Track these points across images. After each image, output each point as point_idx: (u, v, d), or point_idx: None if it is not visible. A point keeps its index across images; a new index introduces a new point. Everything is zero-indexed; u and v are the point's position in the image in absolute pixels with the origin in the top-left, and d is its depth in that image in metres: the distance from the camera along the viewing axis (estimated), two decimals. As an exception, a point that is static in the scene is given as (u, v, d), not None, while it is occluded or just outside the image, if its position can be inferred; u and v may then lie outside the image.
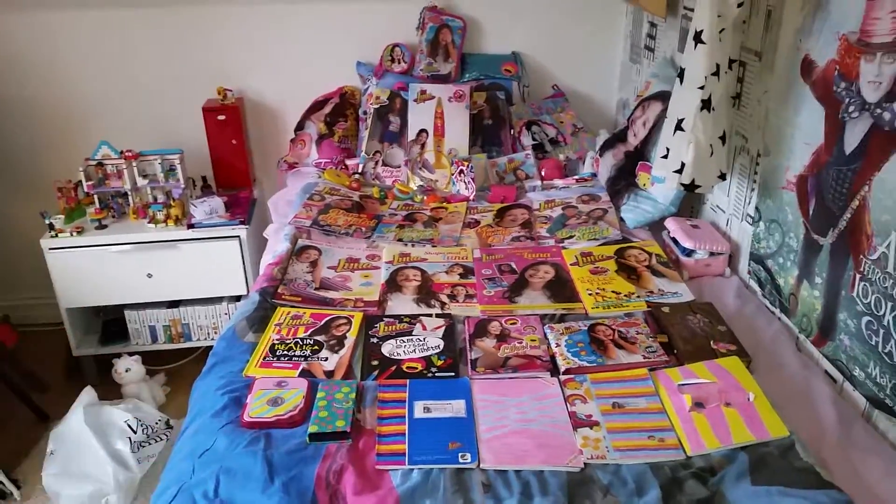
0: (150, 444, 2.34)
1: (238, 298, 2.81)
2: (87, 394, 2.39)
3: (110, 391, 2.61)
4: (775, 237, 1.90)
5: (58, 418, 2.41)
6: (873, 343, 1.51)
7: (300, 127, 2.94)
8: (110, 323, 2.89)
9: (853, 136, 1.53)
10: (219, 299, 2.81)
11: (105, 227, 2.67)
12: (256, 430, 1.47)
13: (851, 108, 1.52)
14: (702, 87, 1.71)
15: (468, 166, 2.62)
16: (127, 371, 2.63)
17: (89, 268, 2.64)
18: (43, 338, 3.02)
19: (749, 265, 2.06)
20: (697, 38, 1.69)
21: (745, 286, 2.07)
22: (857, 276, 1.54)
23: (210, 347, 2.81)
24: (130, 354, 2.68)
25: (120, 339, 2.84)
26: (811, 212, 1.72)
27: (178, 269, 2.69)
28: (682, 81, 1.80)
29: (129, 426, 2.31)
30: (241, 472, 1.36)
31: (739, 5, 1.64)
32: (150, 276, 2.68)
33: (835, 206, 1.61)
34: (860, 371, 1.57)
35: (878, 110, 1.44)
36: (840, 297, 1.62)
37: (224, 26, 2.87)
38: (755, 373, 1.63)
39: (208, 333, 2.85)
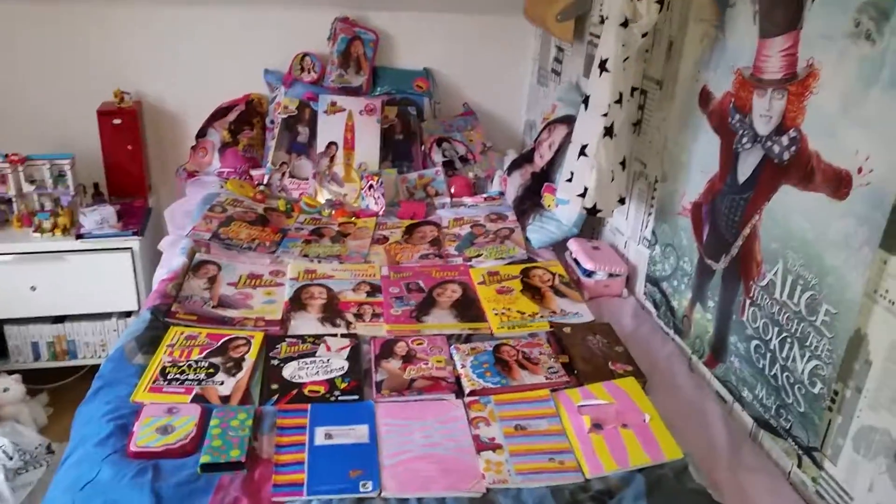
0: (27, 470, 2.18)
1: (129, 314, 2.66)
2: (-42, 417, 2.20)
3: (-15, 413, 2.40)
4: (670, 260, 1.98)
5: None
6: (760, 366, 1.59)
7: (202, 134, 2.83)
8: (-13, 339, 2.66)
9: (746, 167, 1.61)
10: (107, 315, 2.65)
11: (-15, 235, 2.46)
12: (144, 460, 1.38)
13: (745, 140, 1.60)
14: (605, 115, 1.76)
15: (378, 181, 2.59)
16: (5, 391, 2.43)
17: (-35, 279, 2.43)
18: None
19: (645, 287, 2.13)
20: (602, 66, 1.74)
21: (642, 307, 2.14)
22: (747, 301, 1.62)
23: (97, 366, 2.67)
24: (10, 373, 2.49)
25: (-2, 357, 2.63)
26: (705, 237, 1.79)
27: (64, 282, 2.52)
28: (586, 108, 1.85)
29: (5, 452, 2.14)
30: (126, 508, 1.27)
31: (643, 35, 1.70)
32: (33, 288, 2.50)
33: (728, 234, 1.69)
34: (748, 392, 1.65)
35: (769, 143, 1.52)
36: (731, 320, 1.70)
37: (124, 26, 2.73)
38: (651, 393, 1.68)
39: (95, 351, 2.68)
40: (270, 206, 2.52)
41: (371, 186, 2.60)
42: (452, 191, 2.72)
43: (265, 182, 2.66)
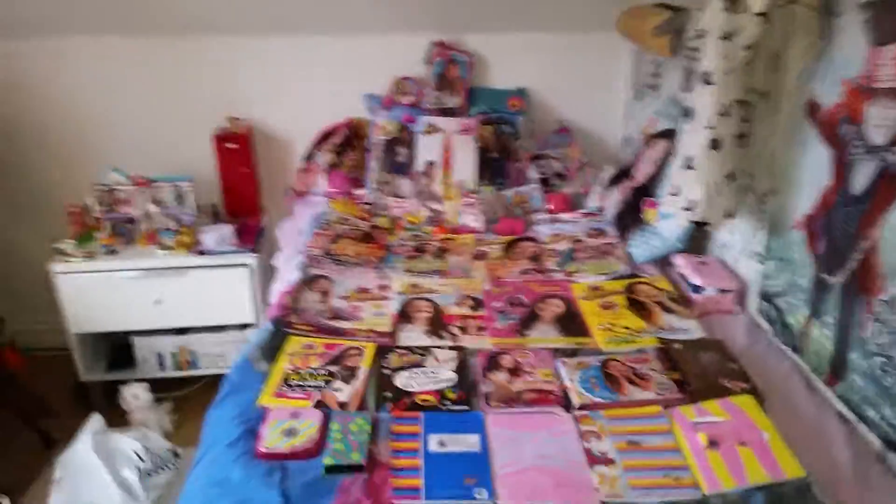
0: (157, 473, 2.33)
1: (245, 326, 2.81)
2: (95, 420, 2.38)
3: (116, 418, 2.59)
4: (784, 276, 1.92)
5: (64, 444, 2.40)
6: (886, 384, 1.52)
7: (309, 157, 2.97)
8: (118, 349, 2.88)
9: (861, 178, 1.56)
10: (226, 327, 2.81)
11: (115, 252, 2.68)
12: (272, 461, 1.47)
13: (858, 151, 1.56)
14: (710, 127, 1.75)
15: (477, 198, 2.64)
16: (135, 398, 2.62)
17: (98, 293, 2.65)
18: (49, 363, 3.00)
19: (759, 303, 2.07)
20: (706, 79, 1.73)
21: (756, 324, 2.08)
22: (869, 317, 1.56)
23: (217, 376, 2.82)
24: (138, 381, 2.67)
25: (127, 366, 2.83)
26: (821, 251, 1.74)
27: (186, 297, 2.69)
28: (690, 120, 1.84)
29: (138, 455, 2.30)
30: (258, 505, 1.36)
31: (746, 48, 1.68)
32: (158, 302, 2.68)
33: (845, 247, 1.63)
34: (873, 411, 1.58)
35: (886, 153, 1.47)
36: (851, 337, 1.64)
37: (235, 57, 2.92)
38: (768, 411, 1.64)
39: (215, 361, 2.84)
40: (374, 224, 2.61)
41: (470, 204, 2.66)
42: (550, 207, 2.74)
43: (368, 201, 2.77)
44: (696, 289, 2.13)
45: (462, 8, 2.81)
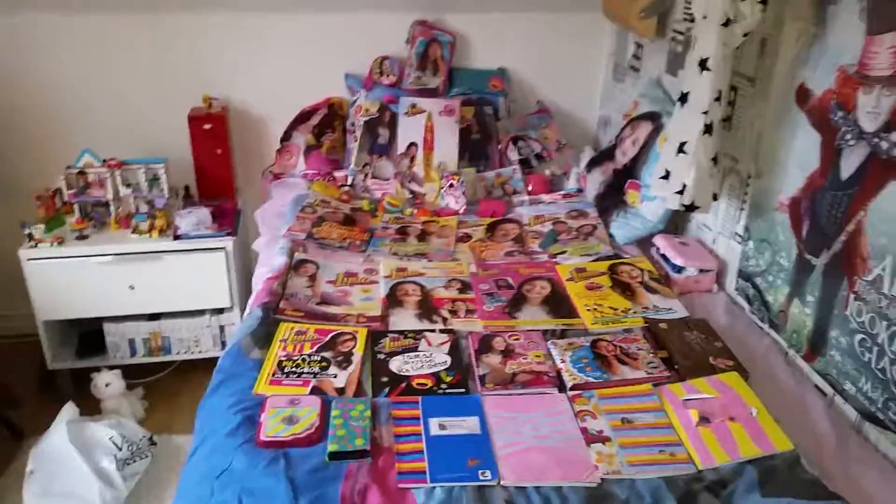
0: (134, 461, 2.29)
1: (220, 311, 2.77)
2: (69, 410, 2.33)
3: (87, 406, 2.53)
4: (765, 256, 1.98)
5: (34, 435, 2.33)
6: (866, 359, 1.59)
7: (286, 137, 2.93)
8: (87, 335, 2.80)
9: (850, 163, 1.61)
10: (201, 312, 2.76)
11: (86, 237, 2.59)
12: (274, 449, 1.46)
13: (848, 136, 1.61)
14: (705, 112, 1.78)
15: (458, 180, 2.64)
16: (107, 385, 2.57)
17: (69, 279, 2.56)
18: (14, 350, 2.91)
19: (737, 282, 2.13)
20: (703, 65, 1.75)
21: (733, 302, 2.14)
22: (852, 296, 1.62)
23: (188, 361, 2.79)
24: (110, 368, 2.61)
25: (97, 352, 2.76)
26: (805, 233, 1.80)
27: (161, 281, 2.63)
28: (683, 105, 1.86)
29: (115, 443, 2.26)
30: (264, 493, 1.35)
31: (745, 35, 1.71)
32: (131, 287, 2.62)
33: (829, 229, 1.69)
34: (851, 385, 1.65)
35: (876, 139, 1.52)
36: (832, 315, 1.70)
37: (210, 34, 2.83)
38: (752, 387, 1.70)
39: (188, 347, 2.80)
40: (356, 206, 2.59)
41: (451, 185, 2.66)
42: (530, 188, 2.76)
43: (349, 183, 2.74)
44: (678, 269, 2.18)
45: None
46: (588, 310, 2.01)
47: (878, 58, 1.51)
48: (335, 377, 1.69)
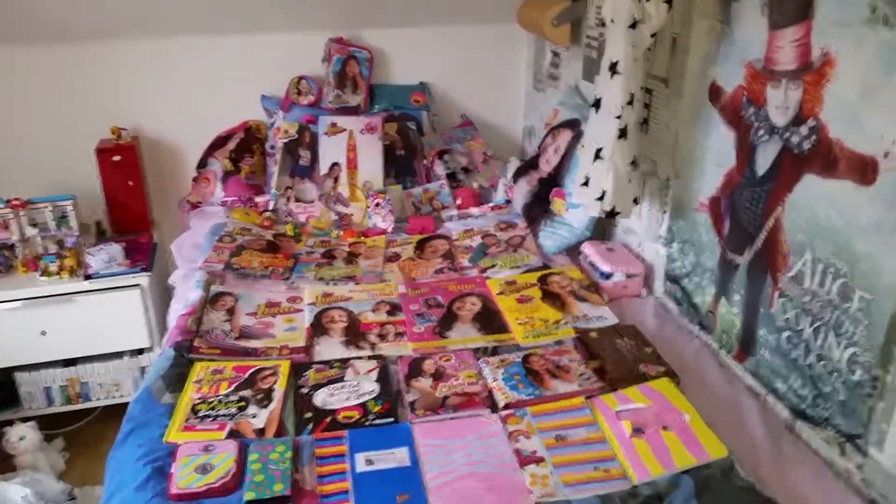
0: (52, 520, 2.13)
1: (140, 352, 2.62)
2: (-25, 471, 2.16)
3: (1, 464, 2.36)
4: (690, 257, 1.97)
5: (-61, 501, 2.15)
6: (793, 357, 1.59)
7: (202, 164, 2.82)
8: (-4, 387, 2.62)
9: (764, 159, 1.61)
10: (119, 354, 2.61)
11: (-11, 282, 2.43)
12: (187, 501, 1.35)
13: (761, 132, 1.61)
14: (618, 117, 1.76)
15: (385, 199, 2.58)
16: (21, 440, 2.39)
17: (-28, 329, 2.39)
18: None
19: (665, 285, 2.12)
20: (613, 69, 1.74)
21: (662, 306, 2.13)
22: (776, 293, 1.62)
23: (111, 406, 2.63)
24: (24, 420, 2.44)
25: (9, 405, 2.57)
26: (726, 232, 1.79)
27: (74, 325, 2.48)
28: (597, 111, 1.84)
29: (28, 502, 2.10)
30: (174, 553, 1.25)
31: (653, 35, 1.70)
32: (43, 333, 2.46)
33: (750, 226, 1.69)
34: (782, 384, 1.64)
35: (787, 134, 1.53)
36: (759, 313, 1.69)
37: (118, 62, 2.72)
38: (684, 392, 1.67)
39: (109, 391, 2.64)
40: (279, 232, 2.50)
41: (378, 204, 2.59)
42: (459, 202, 2.71)
43: (271, 208, 2.64)
44: (605, 275, 2.16)
45: (359, 2, 2.73)
46: (519, 323, 1.96)
47: (783, 52, 1.52)
48: (254, 417, 1.59)
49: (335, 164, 2.68)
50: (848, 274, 1.41)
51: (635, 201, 2.03)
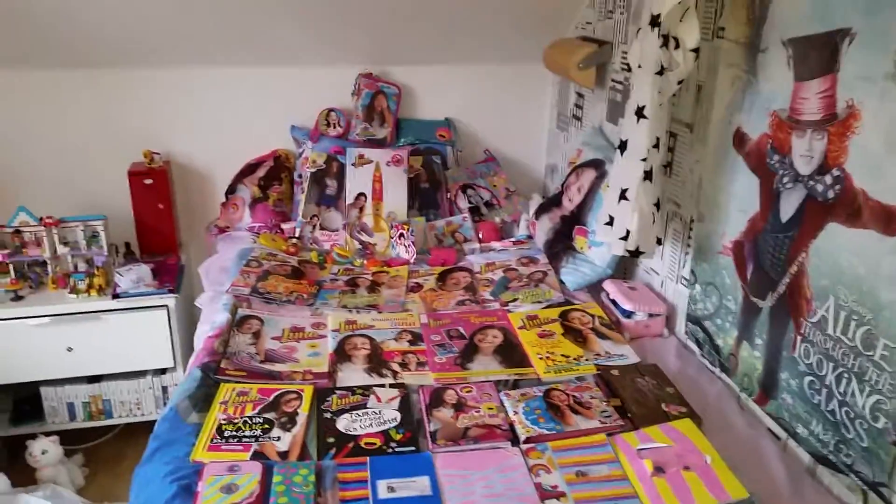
0: (69, 535, 2.15)
1: (164, 371, 2.66)
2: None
3: (22, 476, 2.38)
4: (712, 299, 1.99)
5: (-40, 513, 2.18)
6: (816, 402, 1.59)
7: (232, 190, 2.88)
8: (22, 401, 2.65)
9: (789, 206, 1.64)
10: (142, 373, 2.65)
11: (21, 298, 2.48)
12: (211, 521, 1.37)
13: (786, 180, 1.64)
14: (644, 159, 1.80)
15: (409, 230, 2.62)
16: (43, 453, 2.42)
17: (3, 343, 2.44)
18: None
19: (686, 326, 2.14)
20: (640, 113, 1.78)
21: (684, 346, 2.14)
22: (798, 338, 1.63)
23: (131, 424, 2.66)
24: (46, 435, 2.47)
25: (33, 419, 2.61)
26: (749, 276, 1.81)
27: (100, 342, 2.53)
28: (623, 153, 1.89)
29: (47, 517, 2.12)
30: (199, 572, 1.26)
31: (679, 82, 1.75)
32: (70, 349, 2.50)
33: (773, 272, 1.71)
34: (803, 428, 1.65)
35: (811, 182, 1.55)
36: (781, 357, 1.70)
37: (152, 88, 2.80)
38: (705, 433, 1.68)
39: (130, 409, 2.67)
40: (304, 259, 2.54)
41: (401, 235, 2.63)
42: (481, 236, 2.75)
43: (297, 235, 2.69)
44: (627, 314, 2.18)
45: (389, 40, 2.81)
46: (540, 358, 1.98)
47: (808, 103, 1.55)
48: (278, 440, 1.62)
49: (361, 195, 2.74)
50: (871, 322, 1.42)
51: (659, 241, 2.06)
